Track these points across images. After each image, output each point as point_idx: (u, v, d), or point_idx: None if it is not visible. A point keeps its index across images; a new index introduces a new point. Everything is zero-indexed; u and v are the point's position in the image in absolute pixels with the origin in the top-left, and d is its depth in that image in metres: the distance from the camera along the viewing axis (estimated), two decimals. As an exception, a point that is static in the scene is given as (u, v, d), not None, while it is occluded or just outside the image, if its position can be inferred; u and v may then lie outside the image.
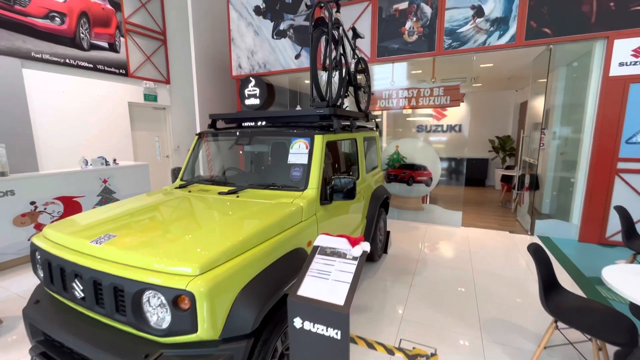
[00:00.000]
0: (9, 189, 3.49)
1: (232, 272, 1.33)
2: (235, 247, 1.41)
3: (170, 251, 1.34)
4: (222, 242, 1.41)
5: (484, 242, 4.37)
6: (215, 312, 1.23)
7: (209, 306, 1.21)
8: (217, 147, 2.83)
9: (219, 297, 1.25)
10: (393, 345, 2.24)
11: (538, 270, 1.93)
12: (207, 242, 1.41)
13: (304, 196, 2.06)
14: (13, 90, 4.78)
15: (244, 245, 1.45)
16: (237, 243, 1.43)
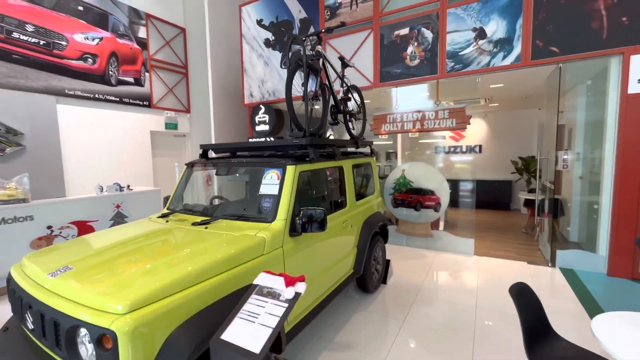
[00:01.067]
0: (29, 214, 3.81)
1: (164, 310, 1.32)
2: (173, 284, 1.40)
3: (107, 287, 1.37)
4: (160, 278, 1.41)
5: (495, 274, 4.02)
6: (140, 354, 1.22)
7: (133, 347, 1.20)
8: (204, 176, 2.92)
9: (146, 338, 1.24)
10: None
11: (520, 315, 1.72)
12: (146, 278, 1.43)
13: (270, 228, 2.04)
14: (47, 124, 5.33)
15: (184, 281, 1.45)
16: (176, 279, 1.42)
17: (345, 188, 3.02)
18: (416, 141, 7.77)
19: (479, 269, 4.20)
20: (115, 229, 2.32)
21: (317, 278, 2.45)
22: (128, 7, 6.58)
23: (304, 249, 2.27)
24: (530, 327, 1.73)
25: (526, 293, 1.82)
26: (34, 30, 5.21)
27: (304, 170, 2.38)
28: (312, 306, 2.43)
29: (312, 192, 2.86)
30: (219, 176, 2.72)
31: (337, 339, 2.69)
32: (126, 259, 1.66)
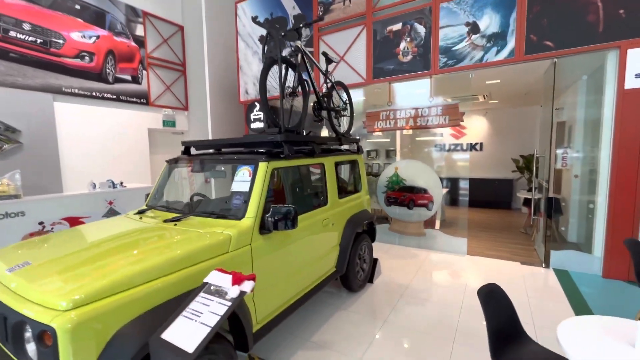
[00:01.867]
0: (20, 210, 3.87)
1: (110, 308, 1.31)
2: (122, 281, 1.39)
3: (55, 283, 1.36)
4: (110, 275, 1.40)
5: (486, 275, 3.94)
6: (82, 352, 1.21)
7: (74, 344, 1.19)
8: (182, 173, 2.91)
9: (88, 336, 1.23)
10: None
11: (487, 319, 1.67)
12: (96, 274, 1.42)
13: (237, 225, 2.02)
14: (44, 121, 5.41)
15: (135, 279, 1.43)
16: (126, 277, 1.41)
17: (327, 185, 2.98)
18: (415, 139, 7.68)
19: (469, 269, 4.12)
20: (87, 226, 2.33)
21: (292, 276, 2.43)
22: (125, 5, 6.62)
23: (277, 247, 2.24)
24: (499, 331, 1.68)
25: (496, 295, 1.76)
26: (31, 29, 5.28)
27: (278, 167, 2.35)
28: (286, 304, 2.41)
29: (289, 189, 2.83)
30: (196, 173, 2.71)
31: (314, 337, 2.66)
32: (84, 256, 1.66)
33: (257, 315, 2.10)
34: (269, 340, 2.62)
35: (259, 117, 6.54)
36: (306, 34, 5.77)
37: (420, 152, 8.18)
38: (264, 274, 2.13)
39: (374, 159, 10.42)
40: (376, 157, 10.26)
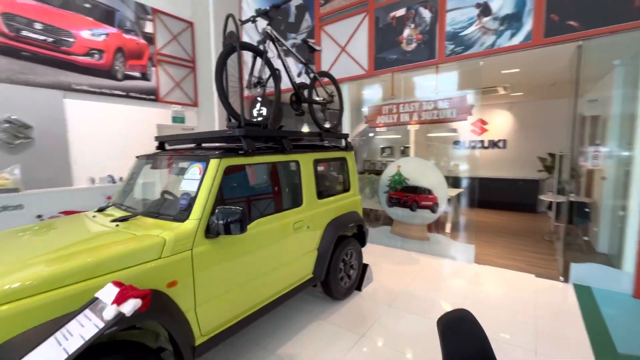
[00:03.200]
0: (19, 203, 3.99)
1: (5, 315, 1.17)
2: (24, 288, 1.24)
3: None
4: (9, 279, 1.26)
5: (491, 288, 3.51)
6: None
7: None
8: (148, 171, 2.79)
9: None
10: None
11: (446, 354, 1.36)
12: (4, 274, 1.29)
13: (177, 228, 1.84)
14: (55, 117, 5.61)
15: (38, 286, 1.28)
16: (29, 282, 1.26)
17: (302, 185, 2.74)
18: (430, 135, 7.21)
19: (473, 280, 3.71)
20: (48, 222, 2.26)
21: (249, 284, 2.22)
22: (135, 3, 6.72)
23: (228, 252, 2.04)
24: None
25: (464, 326, 1.44)
26: (43, 28, 5.47)
27: (233, 165, 2.14)
28: (244, 313, 2.22)
29: (251, 188, 2.62)
30: (163, 170, 2.57)
31: (279, 350, 2.45)
32: (9, 254, 1.55)
33: (202, 327, 1.92)
34: (231, 349, 2.44)
35: (261, 112, 6.39)
36: (307, 24, 5.51)
37: (435, 149, 7.70)
38: (210, 282, 1.94)
39: (389, 156, 10.00)
40: (391, 155, 9.83)
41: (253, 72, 2.53)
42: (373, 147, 10.28)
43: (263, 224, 2.31)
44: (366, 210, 5.82)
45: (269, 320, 2.85)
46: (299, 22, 5.61)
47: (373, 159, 10.13)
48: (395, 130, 8.30)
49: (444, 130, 6.89)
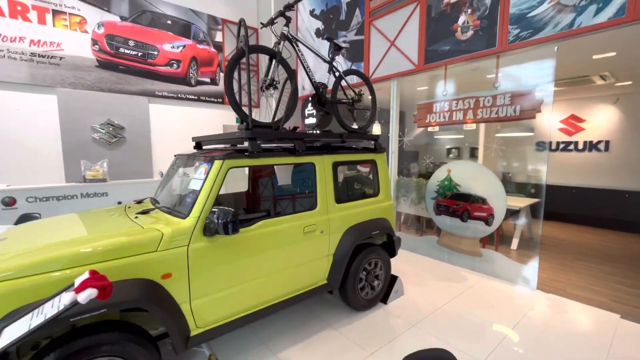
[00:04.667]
0: (105, 191, 4.85)
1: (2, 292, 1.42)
2: (20, 268, 1.49)
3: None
4: (16, 261, 1.53)
5: (551, 323, 2.87)
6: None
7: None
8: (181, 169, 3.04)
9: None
10: None
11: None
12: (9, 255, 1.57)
13: (177, 224, 1.97)
14: (141, 119, 6.64)
15: (35, 268, 1.52)
16: (22, 267, 1.51)
17: (317, 188, 2.65)
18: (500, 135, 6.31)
19: (528, 310, 3.09)
20: (86, 212, 2.65)
21: (250, 283, 2.25)
22: (207, 16, 7.48)
23: (226, 251, 2.10)
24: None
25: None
26: (134, 45, 6.52)
27: (237, 166, 2.19)
28: (245, 312, 2.26)
29: (262, 190, 2.62)
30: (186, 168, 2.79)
31: (282, 353, 2.43)
32: (36, 237, 1.87)
33: (197, 320, 2.02)
34: (238, 344, 2.52)
35: (312, 112, 6.47)
36: (357, 20, 5.33)
37: (512, 151, 6.73)
38: (207, 278, 2.03)
39: (456, 158, 9.10)
40: (458, 156, 8.93)
41: (268, 73, 2.54)
42: (438, 148, 9.49)
43: (267, 225, 2.32)
44: (408, 216, 5.38)
45: (282, 320, 2.86)
46: (349, 19, 5.47)
47: (438, 161, 9.35)
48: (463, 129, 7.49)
49: (519, 129, 5.93)
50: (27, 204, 4.28)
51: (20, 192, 4.26)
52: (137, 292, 1.70)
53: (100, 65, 6.15)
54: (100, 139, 6.16)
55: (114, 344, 1.65)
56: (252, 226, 2.24)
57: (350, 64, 5.53)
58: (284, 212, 2.49)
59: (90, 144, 6.06)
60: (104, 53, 6.14)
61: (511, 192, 6.96)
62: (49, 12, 5.61)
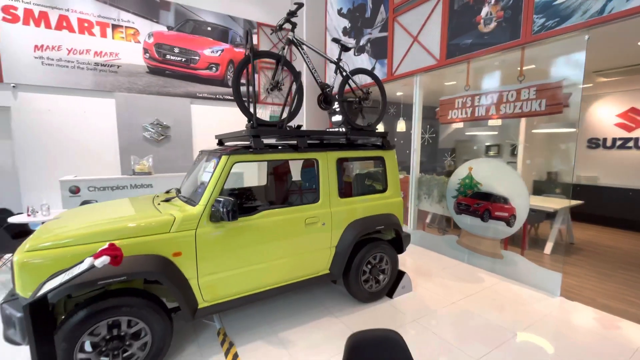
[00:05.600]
0: (150, 183, 5.50)
1: (50, 256, 1.82)
2: (65, 240, 1.89)
3: (42, 232, 2.00)
4: (61, 235, 1.93)
5: (571, 335, 2.71)
6: (24, 278, 1.76)
7: (18, 272, 1.76)
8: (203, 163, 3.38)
9: (30, 269, 1.77)
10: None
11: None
12: (59, 231, 1.98)
13: (187, 211, 2.27)
14: (184, 119, 7.33)
15: (76, 240, 1.91)
16: (66, 239, 1.90)
17: (319, 182, 2.81)
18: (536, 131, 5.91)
19: (543, 317, 2.93)
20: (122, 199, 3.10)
21: (254, 267, 2.49)
22: (244, 20, 7.96)
23: (230, 236, 2.36)
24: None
25: (384, 352, 1.28)
26: (179, 51, 7.20)
27: (241, 161, 2.44)
28: (249, 292, 2.51)
29: (270, 183, 2.80)
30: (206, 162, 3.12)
31: (282, 333, 2.65)
32: (71, 220, 2.28)
33: (204, 294, 2.31)
34: (245, 322, 2.80)
35: (337, 110, 6.59)
36: (382, 17, 5.33)
37: (556, 148, 6.29)
38: (212, 259, 2.31)
39: (496, 155, 8.61)
40: (498, 154, 8.44)
41: (275, 76, 2.75)
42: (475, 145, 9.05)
43: (269, 215, 2.54)
44: (435, 215, 5.26)
45: (288, 305, 3.08)
46: (374, 16, 5.49)
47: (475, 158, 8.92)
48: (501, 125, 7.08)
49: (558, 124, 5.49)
50: (88, 192, 5.04)
51: (83, 182, 5.04)
52: (151, 265, 2.03)
53: (150, 71, 6.91)
54: (150, 137, 6.93)
55: (132, 306, 1.99)
56: (254, 215, 2.48)
57: (375, 60, 5.54)
58: (287, 204, 2.69)
59: (141, 142, 6.86)
60: (153, 60, 6.89)
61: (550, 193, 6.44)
62: (109, 26, 6.44)
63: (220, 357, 2.36)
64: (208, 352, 2.42)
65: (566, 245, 5.04)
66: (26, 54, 5.76)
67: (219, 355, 2.37)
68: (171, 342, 2.26)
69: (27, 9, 5.72)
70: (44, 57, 5.89)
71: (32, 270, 1.78)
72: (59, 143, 6.15)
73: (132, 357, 2.06)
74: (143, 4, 6.73)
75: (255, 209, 2.52)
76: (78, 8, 6.10)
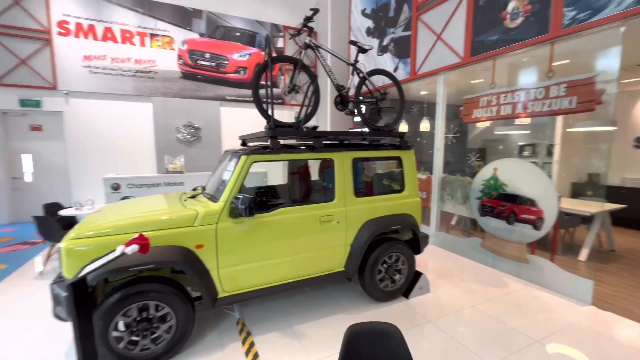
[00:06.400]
0: (181, 181, 5.87)
1: (91, 243, 2.06)
2: (102, 231, 2.12)
3: (86, 223, 2.26)
4: (101, 226, 2.17)
5: (588, 345, 2.57)
6: (68, 262, 2.01)
7: (64, 257, 2.01)
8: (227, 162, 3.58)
9: (73, 255, 2.02)
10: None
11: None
12: (99, 222, 2.22)
13: (209, 207, 2.44)
14: (214, 120, 7.71)
15: (112, 231, 2.14)
16: (105, 228, 2.14)
17: (335, 181, 2.88)
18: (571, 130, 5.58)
19: (569, 325, 2.79)
20: (155, 196, 3.36)
21: (270, 261, 2.62)
22: (270, 25, 8.21)
23: (249, 231, 2.50)
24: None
25: (382, 344, 1.33)
26: (210, 57, 7.59)
27: (258, 160, 2.58)
28: (265, 284, 2.65)
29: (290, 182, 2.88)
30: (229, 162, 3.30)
31: (297, 326, 2.75)
32: (110, 213, 2.53)
33: (223, 285, 2.47)
34: (263, 314, 2.94)
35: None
36: (405, 16, 5.28)
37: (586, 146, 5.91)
38: (231, 252, 2.46)
39: (532, 156, 8.21)
40: (533, 154, 8.04)
41: (292, 79, 2.86)
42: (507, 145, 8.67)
43: (285, 212, 2.66)
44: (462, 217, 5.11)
45: (305, 301, 3.18)
46: (397, 16, 5.45)
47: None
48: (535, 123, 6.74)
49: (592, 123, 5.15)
50: (128, 189, 5.49)
51: (123, 180, 5.49)
52: (176, 255, 2.22)
53: (184, 76, 7.36)
54: (183, 138, 7.38)
55: (159, 292, 2.19)
56: (271, 212, 2.61)
57: (397, 60, 5.51)
58: (303, 202, 2.80)
59: (175, 142, 7.32)
60: (186, 66, 7.33)
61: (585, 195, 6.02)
62: (148, 36, 6.94)
63: (238, 344, 2.51)
64: (227, 339, 2.58)
65: (606, 253, 4.70)
66: (76, 63, 6.38)
67: (237, 343, 2.53)
68: (193, 328, 2.45)
69: (78, 23, 6.33)
70: (91, 66, 6.49)
71: (75, 256, 2.03)
72: (104, 144, 6.74)
73: (159, 339, 2.26)
74: (177, 13, 7.18)
75: (274, 206, 2.65)
76: (121, 20, 6.65)
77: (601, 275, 3.85)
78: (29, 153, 6.44)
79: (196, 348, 2.47)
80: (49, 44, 6.16)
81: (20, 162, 6.43)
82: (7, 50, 5.92)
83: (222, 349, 2.46)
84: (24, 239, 5.22)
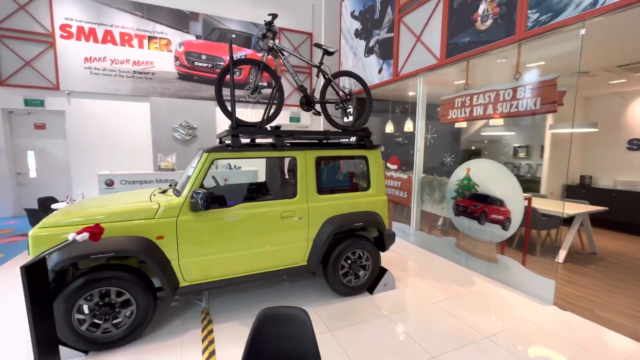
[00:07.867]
0: (173, 178, 6.08)
1: (52, 233, 2.24)
2: (68, 220, 2.30)
3: (59, 212, 2.45)
4: (67, 218, 2.35)
5: (539, 343, 2.61)
6: (34, 248, 2.20)
7: (30, 244, 2.20)
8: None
9: (37, 241, 2.20)
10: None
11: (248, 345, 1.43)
12: (68, 214, 2.40)
13: (171, 200, 2.60)
14: (209, 120, 7.93)
15: (77, 221, 2.32)
16: (69, 219, 2.31)
17: (297, 179, 3.01)
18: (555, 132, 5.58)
19: (525, 324, 2.83)
20: (131, 191, 3.54)
21: (231, 254, 2.75)
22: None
23: (208, 225, 2.65)
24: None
25: (289, 325, 1.45)
26: (206, 58, 7.81)
27: (219, 158, 2.72)
28: (227, 275, 2.79)
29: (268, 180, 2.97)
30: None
31: (257, 317, 2.88)
32: (82, 207, 2.72)
33: (184, 275, 2.63)
34: (227, 304, 3.08)
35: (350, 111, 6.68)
36: (389, 18, 5.36)
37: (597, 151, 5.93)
38: (191, 244, 2.61)
39: (526, 157, 8.16)
40: (527, 156, 7.99)
41: (256, 80, 3.00)
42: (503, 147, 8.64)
43: (245, 207, 2.79)
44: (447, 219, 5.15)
45: (270, 293, 3.31)
46: (382, 17, 5.53)
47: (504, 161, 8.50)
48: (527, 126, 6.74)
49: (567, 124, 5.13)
50: (121, 185, 5.73)
51: (117, 176, 5.74)
52: (136, 244, 2.38)
53: (180, 77, 7.60)
54: (180, 137, 7.62)
55: (119, 279, 2.36)
56: (231, 207, 2.75)
57: (382, 61, 5.58)
58: (265, 198, 2.93)
59: (172, 141, 7.57)
60: (183, 67, 7.57)
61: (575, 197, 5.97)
62: (146, 38, 7.21)
63: (198, 332, 2.66)
64: (189, 326, 2.73)
65: (587, 255, 4.67)
66: (78, 65, 6.69)
67: (197, 330, 2.68)
68: (154, 314, 2.61)
69: (80, 27, 6.64)
70: (92, 67, 6.79)
71: (39, 242, 2.21)
72: (103, 142, 7.04)
73: (121, 323, 2.43)
74: (175, 16, 7.42)
75: (239, 201, 2.79)
76: (120, 23, 6.93)
77: (574, 277, 3.85)
78: (33, 150, 6.78)
79: (159, 333, 2.64)
80: (52, 46, 6.49)
81: (26, 158, 6.78)
82: (13, 53, 6.26)
83: (182, 335, 2.61)
84: (24, 231, 5.53)
